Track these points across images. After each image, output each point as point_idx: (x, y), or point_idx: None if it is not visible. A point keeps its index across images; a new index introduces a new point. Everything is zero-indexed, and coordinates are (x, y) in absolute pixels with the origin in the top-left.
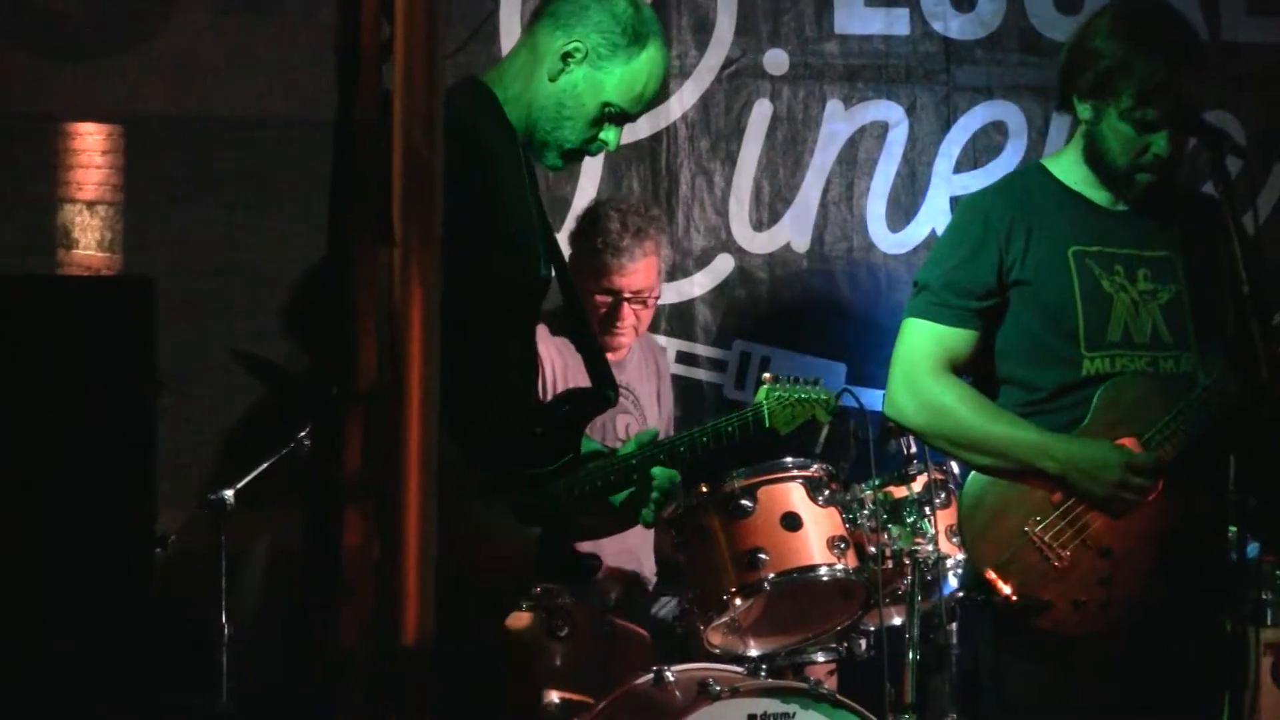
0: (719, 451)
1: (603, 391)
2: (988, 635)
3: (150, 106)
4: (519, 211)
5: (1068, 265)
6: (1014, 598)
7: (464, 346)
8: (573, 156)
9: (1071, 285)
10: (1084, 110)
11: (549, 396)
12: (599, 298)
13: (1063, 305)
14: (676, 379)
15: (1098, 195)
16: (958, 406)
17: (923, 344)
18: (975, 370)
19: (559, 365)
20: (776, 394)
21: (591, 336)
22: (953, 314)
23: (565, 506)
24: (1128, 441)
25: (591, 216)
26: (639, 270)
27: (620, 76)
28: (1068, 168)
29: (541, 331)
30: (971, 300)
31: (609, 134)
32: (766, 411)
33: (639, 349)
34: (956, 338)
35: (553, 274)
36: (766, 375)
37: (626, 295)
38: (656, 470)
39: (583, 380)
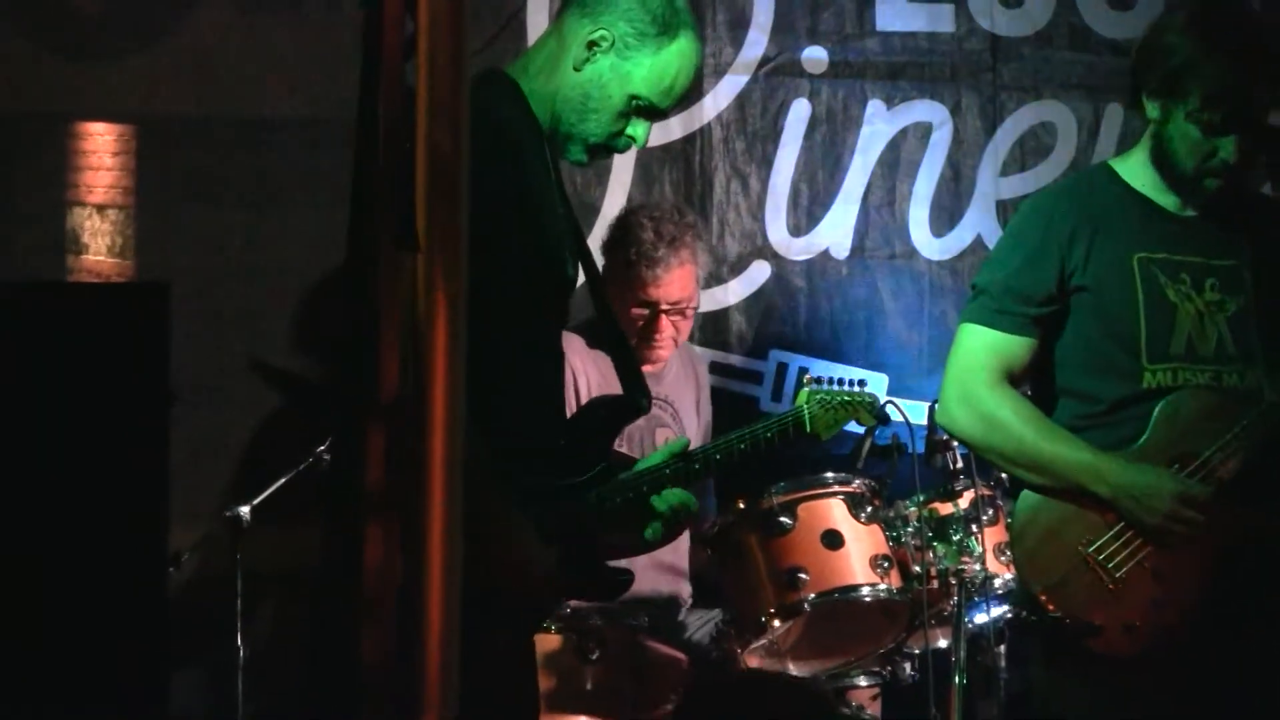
0: (757, 459)
1: (634, 399)
2: (1039, 658)
3: (165, 106)
4: (545, 210)
5: (1131, 272)
6: (1065, 619)
7: (489, 353)
8: (599, 152)
9: (1135, 293)
10: (1152, 109)
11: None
12: (635, 310)
13: (1124, 314)
14: (710, 391)
15: (1165, 199)
16: (1013, 421)
17: (979, 351)
18: (1033, 380)
19: (594, 379)
20: (818, 397)
21: (622, 340)
22: (1011, 320)
23: (595, 520)
24: (1185, 461)
25: (623, 226)
26: (675, 280)
27: (649, 67)
28: (1135, 169)
29: (577, 344)
30: (1031, 306)
31: (637, 129)
32: (808, 415)
33: (677, 359)
34: (1014, 345)
35: (580, 276)
36: (808, 377)
37: (664, 307)
38: (668, 493)
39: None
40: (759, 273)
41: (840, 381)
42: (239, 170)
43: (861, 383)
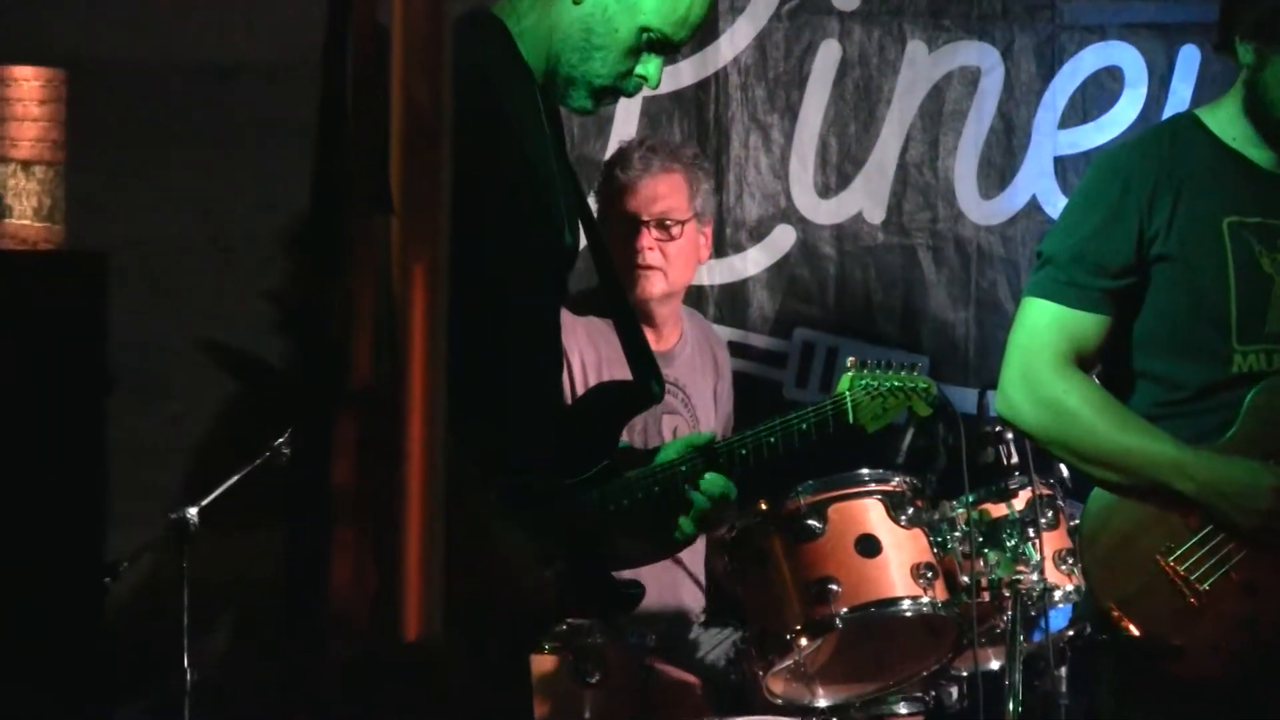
0: (788, 455)
1: (645, 384)
2: (1108, 683)
3: (101, 48)
4: (539, 168)
5: (1221, 239)
6: (1139, 639)
7: (475, 332)
8: (606, 95)
9: (1225, 264)
10: (1245, 53)
11: (578, 393)
12: (617, 236)
13: (1213, 287)
14: None
15: (1260, 155)
16: (1084, 409)
17: (1045, 329)
18: (1106, 362)
19: (591, 357)
20: (863, 382)
21: (631, 315)
22: (1082, 294)
23: (599, 524)
24: None
25: (615, 156)
26: (655, 185)
27: None
28: (1226, 120)
29: (569, 317)
30: (1104, 279)
31: (648, 66)
32: (850, 404)
33: (693, 338)
34: (1085, 323)
35: (581, 242)
36: (851, 359)
37: (644, 219)
38: (708, 477)
39: (622, 374)
40: (782, 239)
41: (888, 364)
42: (188, 123)
43: (914, 365)
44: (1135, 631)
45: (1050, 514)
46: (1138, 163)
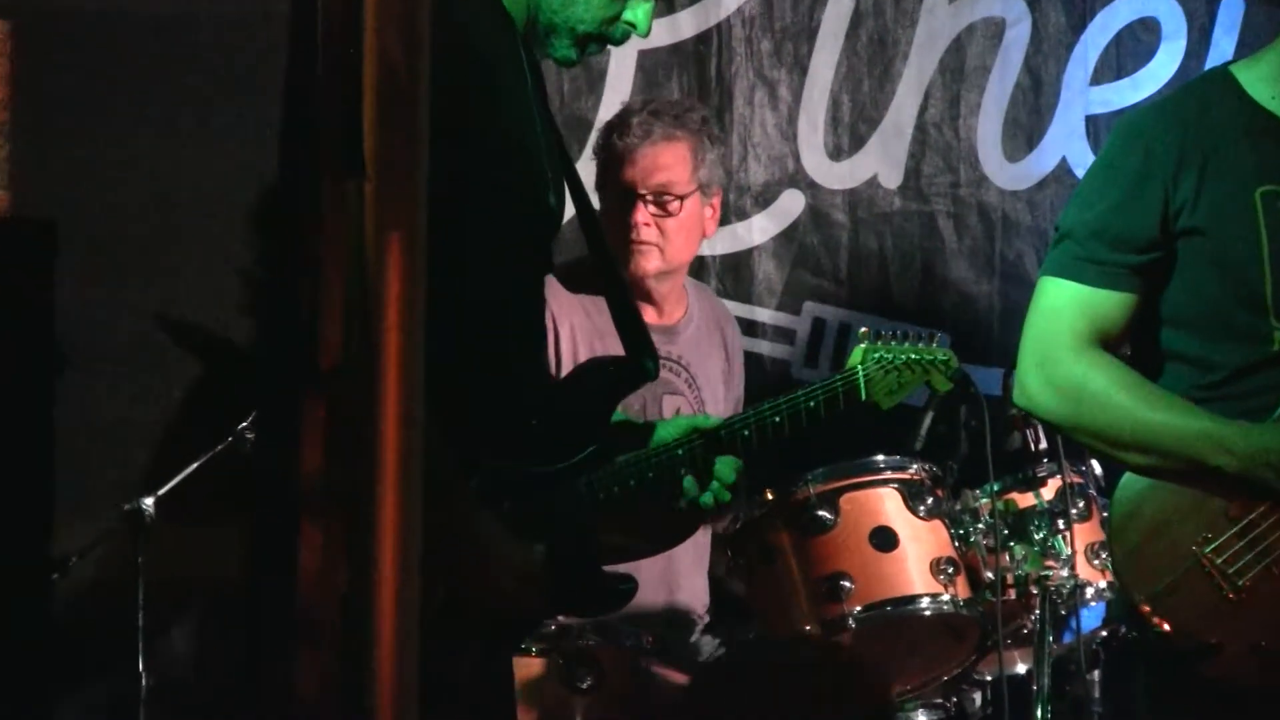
0: (795, 436)
1: (639, 361)
2: (1142, 686)
3: None
4: (522, 127)
5: (1254, 210)
6: (1174, 638)
7: (455, 306)
8: (590, 44)
9: (1258, 236)
10: None
11: (566, 365)
12: (611, 207)
13: (1246, 262)
14: None
15: None
16: (1108, 390)
17: (1065, 311)
18: (1133, 345)
19: (581, 330)
20: (877, 355)
21: (622, 286)
22: (1104, 272)
23: (589, 514)
24: None
25: (615, 119)
26: (655, 156)
27: None
28: (1263, 77)
29: (555, 288)
30: (1128, 254)
31: (636, 11)
32: (863, 378)
33: (699, 314)
34: (1108, 302)
35: (567, 206)
36: (864, 330)
37: (641, 192)
38: (723, 464)
39: (617, 349)
40: (790, 206)
41: (904, 335)
42: (144, 79)
43: (931, 335)
44: (1168, 629)
45: (1082, 504)
46: (1161, 127)
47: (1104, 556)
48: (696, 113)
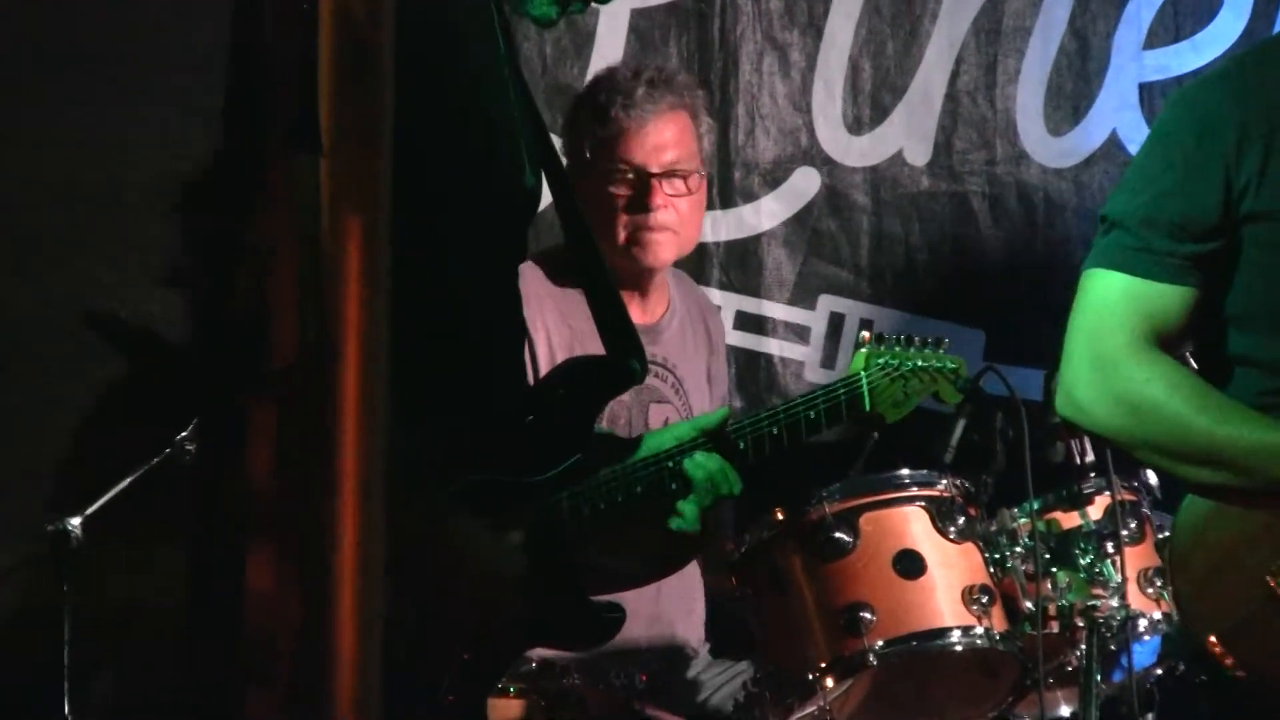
0: (798, 452)
1: (624, 362)
2: None
3: None
4: (492, 97)
5: None
6: (1246, 678)
7: (419, 298)
8: (573, 0)
9: None
10: None
11: (544, 372)
12: (614, 189)
13: None
14: (733, 352)
15: None
16: (1169, 399)
17: (1117, 307)
18: (1195, 347)
19: (562, 335)
20: (881, 361)
21: (602, 274)
22: (1158, 264)
23: (569, 533)
24: None
25: (594, 84)
26: (664, 129)
27: None
28: None
29: (535, 278)
30: (1185, 243)
31: None
32: (866, 386)
33: (682, 307)
34: (1165, 297)
35: (543, 184)
36: (865, 334)
37: (654, 171)
38: (699, 458)
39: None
40: (804, 184)
41: (909, 340)
42: (68, 40)
43: (938, 341)
44: (1239, 670)
45: (1134, 524)
46: (1219, 100)
47: (1159, 584)
48: (683, 77)
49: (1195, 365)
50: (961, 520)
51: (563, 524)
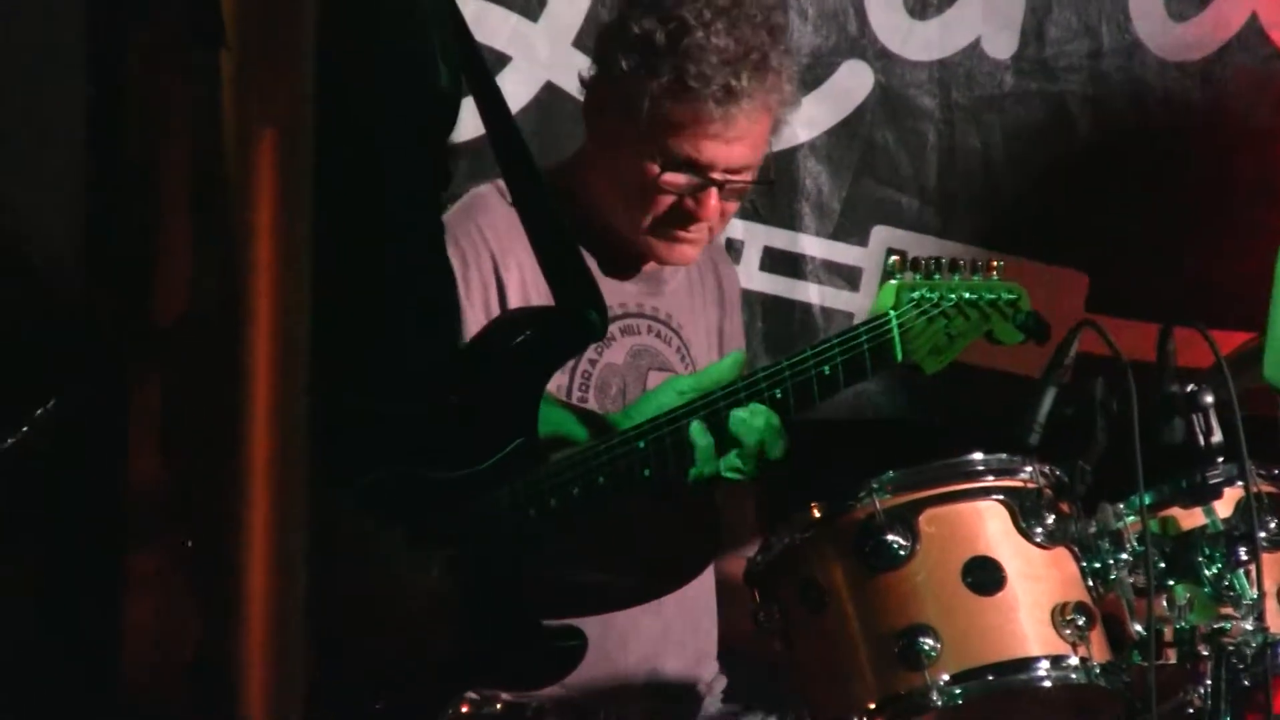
0: (812, 417)
1: (578, 312)
2: None
3: None
4: None
5: None
6: None
7: (334, 237)
8: None
9: None
10: None
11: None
12: (668, 177)
13: None
14: (760, 300)
15: None
16: None
17: None
18: None
19: (539, 271)
20: (916, 294)
21: (543, 203)
22: None
23: (516, 538)
24: None
25: (680, 21)
26: (747, 130)
27: None
28: None
29: (497, 201)
30: None
31: None
32: (897, 329)
33: None
34: None
35: (462, 87)
36: (895, 259)
37: (717, 175)
38: (741, 414)
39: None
40: (852, 85)
41: (953, 265)
42: None
43: (989, 265)
44: None
45: (1274, 524)
46: None
47: None
48: (787, 59)
49: None
50: (1051, 519)
51: (506, 525)
